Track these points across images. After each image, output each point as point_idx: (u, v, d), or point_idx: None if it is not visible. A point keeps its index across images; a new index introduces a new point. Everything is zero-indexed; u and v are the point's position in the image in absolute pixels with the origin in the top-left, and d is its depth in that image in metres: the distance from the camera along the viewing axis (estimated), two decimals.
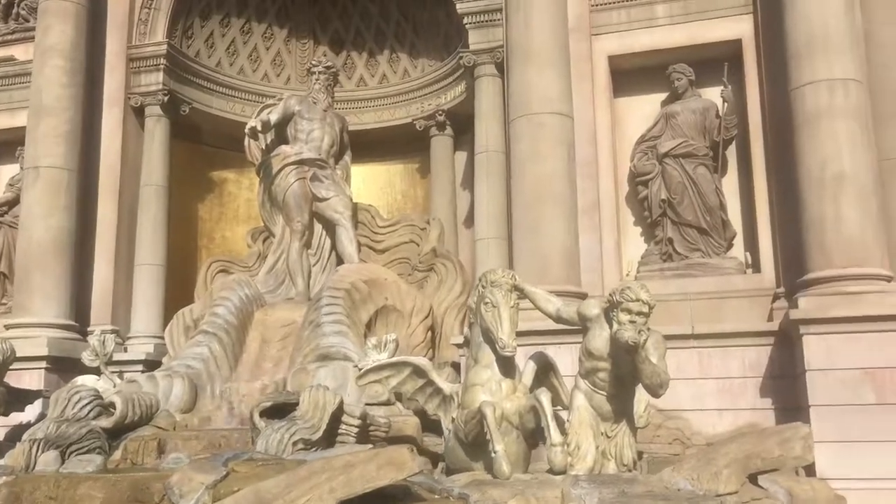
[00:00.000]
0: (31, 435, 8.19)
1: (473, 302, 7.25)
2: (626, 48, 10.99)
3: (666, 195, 10.51)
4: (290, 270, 11.94)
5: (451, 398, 7.30)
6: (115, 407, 8.74)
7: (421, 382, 7.53)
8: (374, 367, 7.86)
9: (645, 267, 10.61)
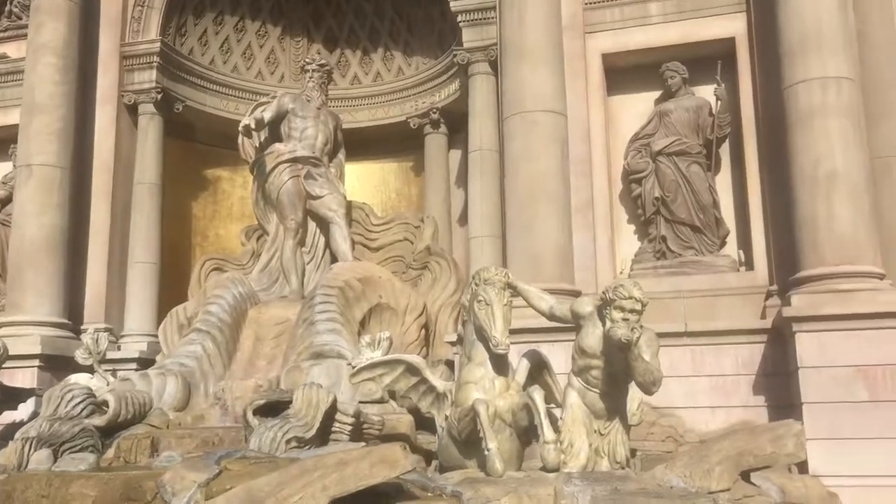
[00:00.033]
0: (23, 433, 8.15)
1: (467, 300, 7.21)
2: (619, 46, 11.01)
3: (659, 193, 10.54)
4: (283, 268, 11.93)
5: (444, 396, 7.27)
6: (108, 405, 8.71)
7: (414, 380, 7.50)
8: (367, 364, 7.82)
9: (638, 265, 10.63)
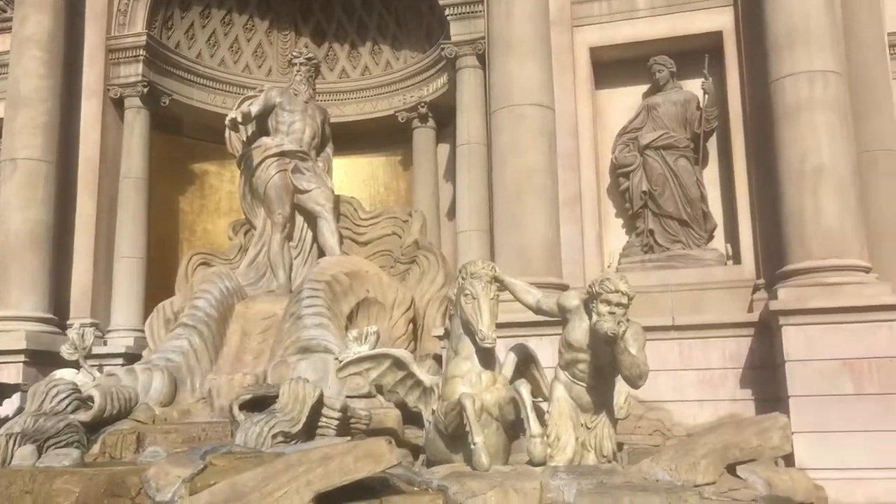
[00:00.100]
0: (8, 429, 8.08)
1: (453, 294, 7.20)
2: (607, 40, 11.02)
3: (647, 187, 10.55)
4: (271, 263, 11.86)
5: (431, 390, 7.27)
6: (93, 401, 8.64)
7: (401, 374, 7.49)
8: (354, 359, 7.79)
9: (626, 258, 10.64)
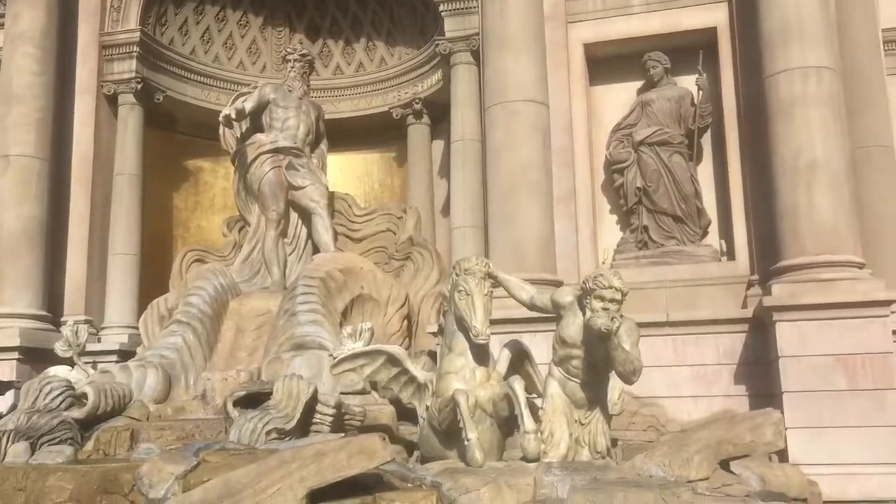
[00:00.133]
0: (1, 426, 8.02)
1: (447, 290, 7.21)
2: (601, 36, 11.00)
3: (641, 183, 10.55)
4: (265, 260, 11.84)
5: (425, 386, 7.25)
6: (87, 398, 8.63)
7: (395, 371, 7.48)
8: (348, 355, 7.78)
9: (621, 255, 10.64)
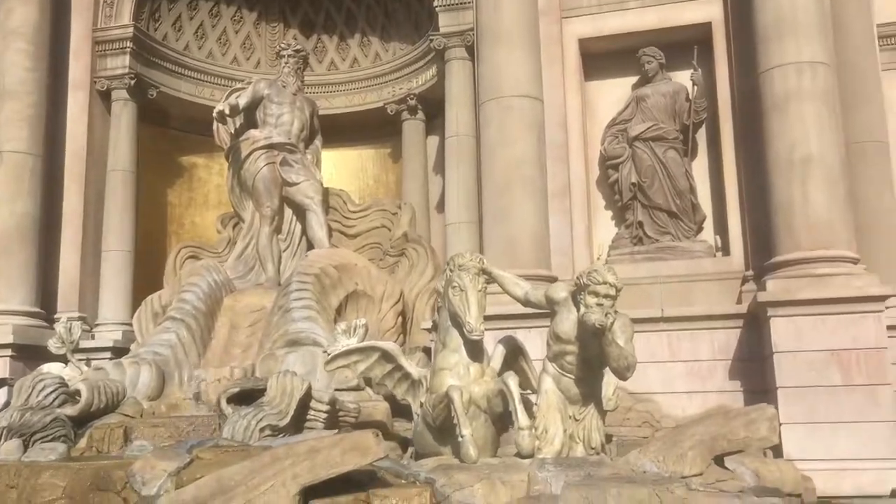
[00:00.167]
0: None
1: (441, 286, 7.18)
2: (596, 31, 10.98)
3: (636, 179, 10.53)
4: (259, 256, 11.82)
5: (419, 383, 7.24)
6: (80, 395, 8.63)
7: (389, 367, 7.46)
8: (342, 352, 7.76)
9: (615, 250, 10.62)
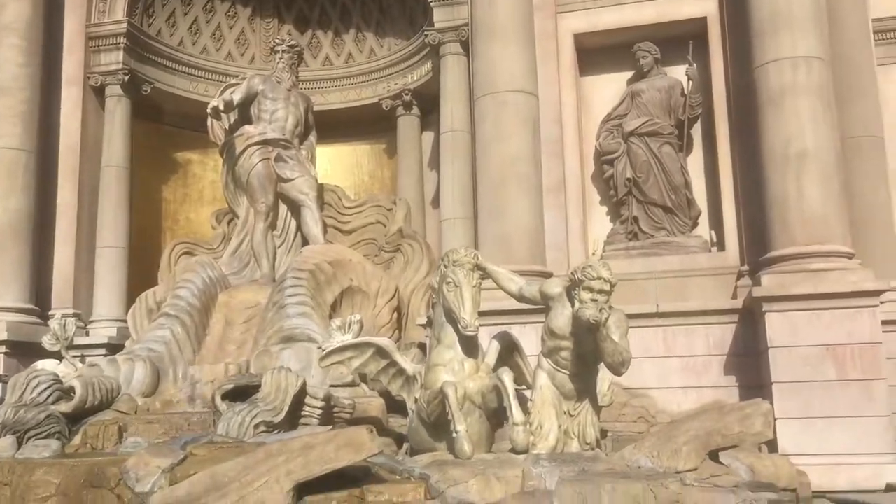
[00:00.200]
0: None
1: (436, 282, 7.19)
2: (591, 26, 10.94)
3: (631, 174, 10.52)
4: (254, 252, 11.79)
5: (414, 378, 7.25)
6: (74, 391, 8.59)
7: (384, 363, 7.47)
8: (336, 348, 7.77)
9: (611, 246, 10.61)
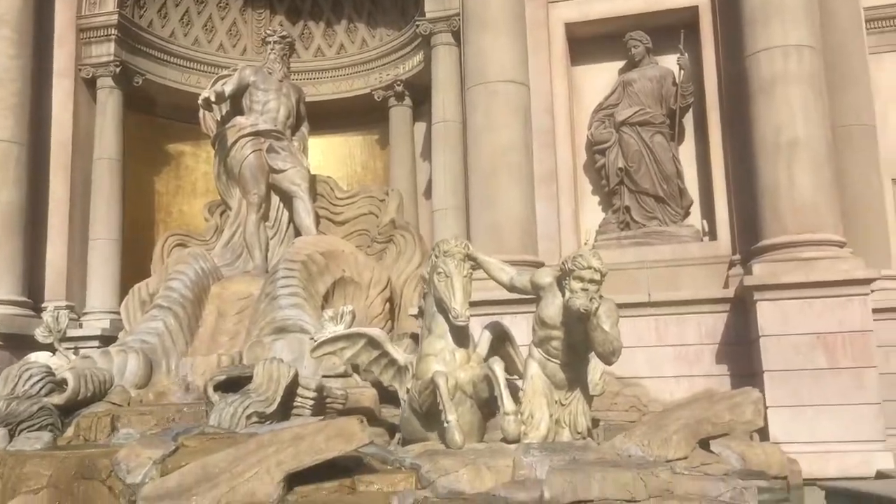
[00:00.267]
0: None
1: (427, 272, 7.18)
2: (582, 15, 10.94)
3: (623, 164, 10.52)
4: (247, 243, 11.77)
5: (405, 369, 7.24)
6: (67, 383, 8.58)
7: (376, 353, 7.46)
8: (328, 338, 7.76)
9: (603, 235, 10.62)
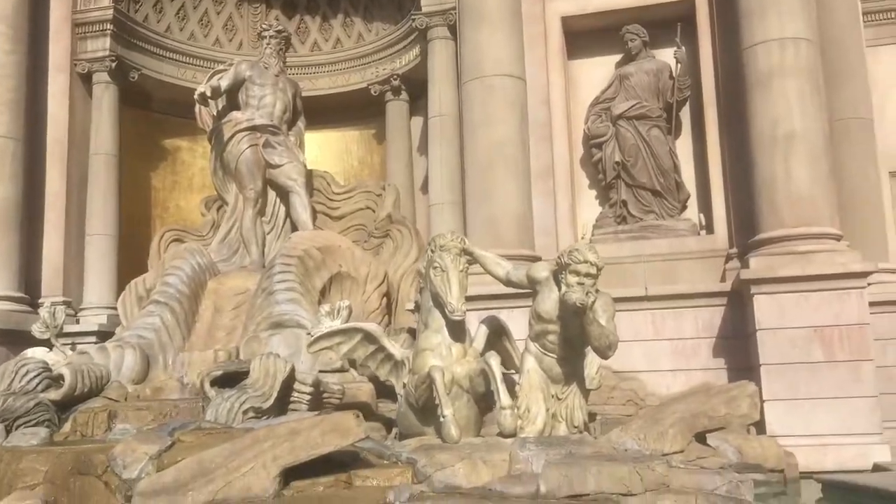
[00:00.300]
0: None
1: (423, 267, 7.18)
2: (579, 9, 10.91)
3: (620, 157, 10.51)
4: (243, 239, 11.78)
5: (402, 363, 7.25)
6: (63, 379, 8.59)
7: (372, 348, 7.46)
8: (325, 333, 7.75)
9: (599, 230, 10.62)
